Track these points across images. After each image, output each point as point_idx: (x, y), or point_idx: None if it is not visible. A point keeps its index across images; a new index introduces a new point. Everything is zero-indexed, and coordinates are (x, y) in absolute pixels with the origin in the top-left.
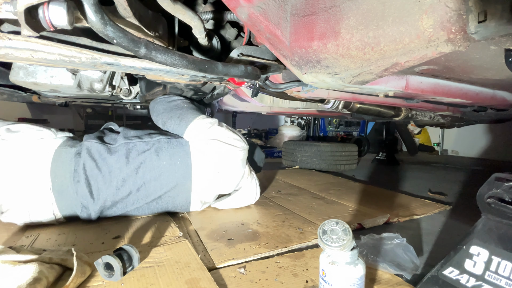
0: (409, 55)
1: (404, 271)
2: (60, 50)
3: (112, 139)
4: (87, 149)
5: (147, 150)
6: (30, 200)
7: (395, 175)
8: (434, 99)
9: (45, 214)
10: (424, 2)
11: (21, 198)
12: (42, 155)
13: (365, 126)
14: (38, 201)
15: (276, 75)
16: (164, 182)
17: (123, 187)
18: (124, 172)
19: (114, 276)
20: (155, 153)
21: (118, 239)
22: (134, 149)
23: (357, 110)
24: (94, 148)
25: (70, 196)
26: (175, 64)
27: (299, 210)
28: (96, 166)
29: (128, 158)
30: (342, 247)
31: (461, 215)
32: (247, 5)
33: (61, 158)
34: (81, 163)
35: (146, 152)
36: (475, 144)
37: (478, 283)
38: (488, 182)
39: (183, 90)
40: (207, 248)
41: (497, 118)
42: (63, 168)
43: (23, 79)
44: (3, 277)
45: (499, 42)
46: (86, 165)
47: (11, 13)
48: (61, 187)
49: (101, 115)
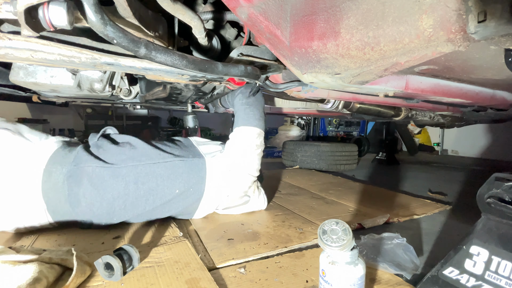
0: (409, 55)
1: (404, 271)
2: (60, 50)
3: (115, 156)
4: (88, 175)
5: (159, 175)
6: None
7: (395, 175)
8: (434, 99)
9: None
10: (424, 2)
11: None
12: (30, 174)
13: (365, 126)
14: (34, 219)
15: (276, 75)
16: (174, 206)
17: (130, 210)
18: (132, 196)
19: (114, 276)
20: (168, 179)
21: (118, 239)
22: (143, 172)
23: (357, 110)
24: (96, 173)
25: (68, 214)
26: (175, 64)
27: (299, 210)
28: (98, 194)
29: (137, 184)
30: (342, 247)
31: (461, 215)
32: (247, 5)
33: (52, 180)
34: (80, 191)
35: (158, 178)
36: (475, 144)
37: (478, 283)
38: (488, 182)
39: (183, 90)
40: (207, 248)
41: (497, 118)
42: (55, 191)
43: (23, 79)
44: (3, 277)
45: (499, 42)
46: (86, 193)
47: (11, 13)
48: (56, 209)
49: (101, 115)
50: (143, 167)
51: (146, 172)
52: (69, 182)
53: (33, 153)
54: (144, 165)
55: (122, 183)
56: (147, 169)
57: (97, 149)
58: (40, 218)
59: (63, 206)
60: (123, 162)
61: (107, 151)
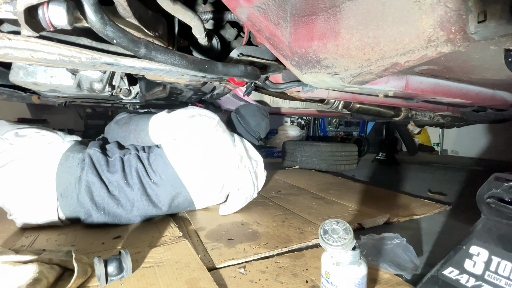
0: (409, 55)
1: (404, 271)
2: (60, 50)
3: (109, 150)
4: (90, 156)
5: (135, 164)
6: (35, 204)
7: (395, 175)
8: (434, 99)
9: (49, 216)
10: (424, 2)
11: (27, 202)
12: (48, 160)
13: (365, 126)
14: (43, 205)
15: (276, 75)
16: (162, 196)
17: (123, 200)
18: (121, 186)
19: (100, 281)
20: (143, 169)
21: (118, 239)
22: (126, 163)
23: (357, 110)
24: (96, 157)
25: (74, 201)
26: (175, 64)
27: (299, 210)
28: (97, 174)
29: (124, 174)
30: (343, 246)
31: (461, 215)
32: (247, 5)
33: (68, 163)
34: (84, 170)
35: (137, 167)
36: (475, 144)
37: (478, 283)
38: (488, 182)
39: (183, 90)
40: (207, 248)
41: (497, 118)
42: (68, 173)
43: (23, 79)
44: (3, 278)
45: (498, 42)
46: (88, 173)
47: (11, 13)
48: (65, 192)
49: (101, 115)
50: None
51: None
52: (81, 165)
53: (55, 144)
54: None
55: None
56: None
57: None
58: (48, 204)
59: (72, 190)
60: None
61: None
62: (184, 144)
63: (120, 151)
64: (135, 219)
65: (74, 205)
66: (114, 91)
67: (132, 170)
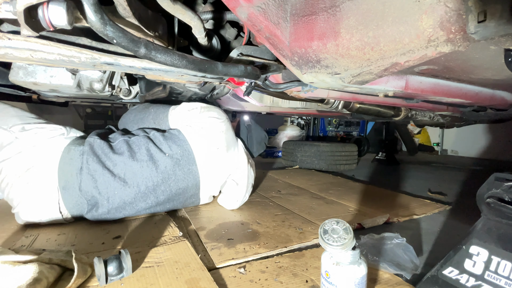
0: (409, 55)
1: (404, 271)
2: (60, 50)
3: (112, 137)
4: (90, 145)
5: (146, 143)
6: (37, 197)
7: (395, 175)
8: (434, 99)
9: (51, 211)
10: (424, 2)
11: (29, 195)
12: (51, 153)
13: (365, 126)
14: (46, 199)
15: (276, 75)
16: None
17: (130, 180)
18: (129, 165)
19: (100, 281)
20: (154, 146)
21: (118, 239)
22: (134, 144)
23: (356, 110)
24: (97, 143)
25: (76, 193)
26: (175, 64)
27: (299, 210)
28: (99, 161)
29: (131, 153)
30: (343, 246)
31: (461, 215)
32: (247, 5)
33: (70, 155)
34: (84, 159)
35: (148, 145)
36: (474, 144)
37: (477, 283)
38: (487, 182)
39: (183, 90)
40: (207, 248)
41: (497, 118)
42: (70, 164)
43: (23, 79)
44: (3, 278)
45: (498, 42)
46: (89, 161)
47: (10, 13)
48: (67, 184)
49: (100, 115)
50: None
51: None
52: (83, 156)
53: (58, 137)
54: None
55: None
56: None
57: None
58: (50, 198)
59: (73, 181)
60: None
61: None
62: (200, 125)
63: (124, 136)
64: (140, 207)
65: (76, 197)
66: (114, 91)
67: (141, 148)
